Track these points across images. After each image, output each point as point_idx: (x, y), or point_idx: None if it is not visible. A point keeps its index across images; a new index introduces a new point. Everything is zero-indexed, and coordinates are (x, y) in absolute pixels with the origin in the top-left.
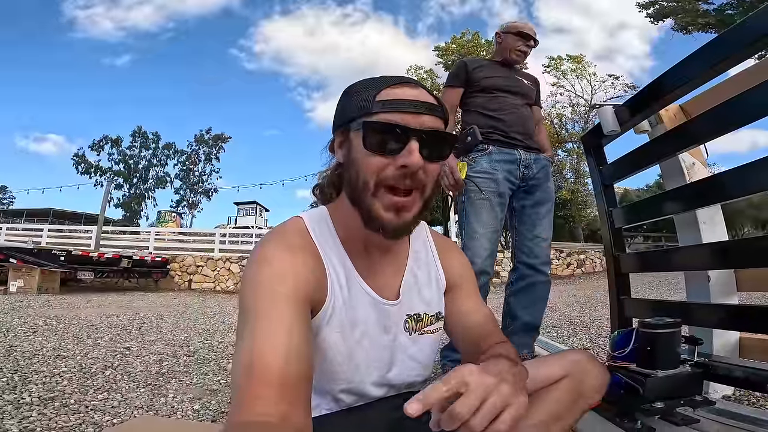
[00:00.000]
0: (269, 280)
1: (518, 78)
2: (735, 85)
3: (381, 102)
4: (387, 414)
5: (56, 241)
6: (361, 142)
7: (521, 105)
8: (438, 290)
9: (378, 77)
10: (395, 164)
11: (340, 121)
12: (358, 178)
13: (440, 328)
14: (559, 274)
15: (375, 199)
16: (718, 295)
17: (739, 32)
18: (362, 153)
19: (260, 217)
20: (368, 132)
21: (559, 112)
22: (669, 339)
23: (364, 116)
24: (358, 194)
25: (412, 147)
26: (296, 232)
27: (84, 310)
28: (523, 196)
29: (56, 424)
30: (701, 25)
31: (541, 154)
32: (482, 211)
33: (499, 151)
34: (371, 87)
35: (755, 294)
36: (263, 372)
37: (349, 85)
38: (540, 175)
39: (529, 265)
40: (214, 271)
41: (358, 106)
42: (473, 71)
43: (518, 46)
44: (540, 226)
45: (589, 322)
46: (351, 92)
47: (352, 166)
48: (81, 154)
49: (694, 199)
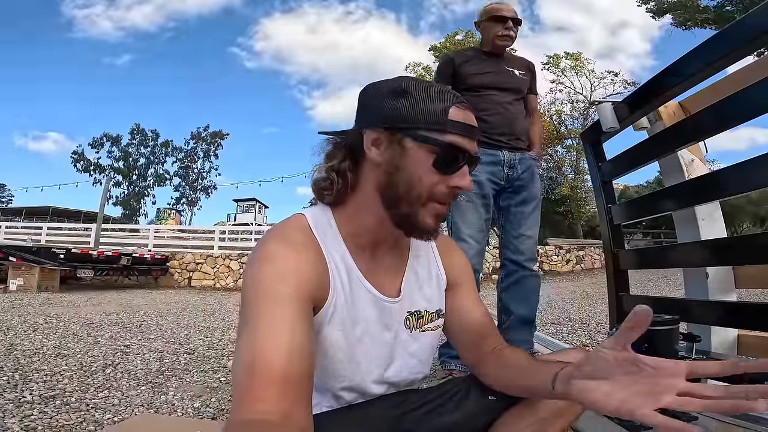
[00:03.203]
0: (272, 279)
1: (509, 69)
2: (734, 83)
3: (455, 123)
4: (387, 411)
5: (55, 239)
6: (424, 156)
7: (510, 102)
8: (439, 288)
9: (440, 88)
10: (448, 183)
11: (392, 123)
12: (412, 189)
13: (440, 325)
14: (559, 270)
15: (423, 209)
16: (716, 292)
17: (738, 30)
18: (424, 168)
19: (260, 214)
20: (441, 152)
21: (558, 109)
22: (667, 336)
23: (437, 133)
24: (403, 201)
25: (465, 171)
26: (299, 229)
27: (84, 308)
28: (509, 195)
29: (57, 422)
30: (700, 20)
31: (527, 153)
32: (467, 212)
33: (483, 152)
34: (439, 99)
35: (753, 291)
36: (265, 370)
37: (399, 82)
38: (525, 175)
39: (515, 262)
40: (214, 269)
41: (427, 118)
42: (460, 66)
43: (498, 32)
44: (525, 224)
45: (588, 319)
46: (411, 95)
47: (401, 174)
48: (80, 152)
49: (692, 195)
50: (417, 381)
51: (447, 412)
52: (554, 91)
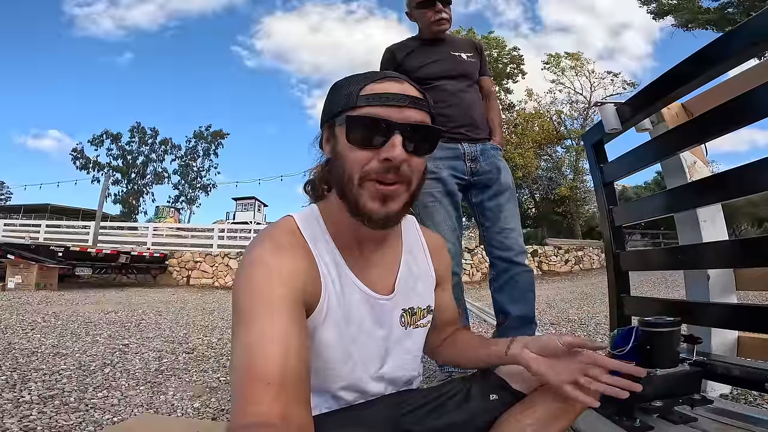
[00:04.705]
0: (263, 282)
1: (455, 54)
2: (738, 85)
3: (365, 96)
4: (387, 411)
5: (54, 236)
6: (345, 137)
7: (464, 89)
8: (430, 285)
9: (363, 73)
10: (379, 158)
11: (326, 117)
12: (344, 171)
13: (430, 321)
14: (557, 270)
15: (361, 190)
16: (717, 294)
17: (742, 33)
18: (347, 147)
19: (259, 213)
20: (352, 126)
21: (558, 109)
22: (669, 338)
23: (348, 110)
24: (345, 187)
25: (396, 141)
26: (287, 232)
27: (82, 306)
28: (479, 191)
29: (56, 422)
30: (702, 22)
31: (488, 144)
32: (434, 213)
33: (441, 147)
34: (356, 82)
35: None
36: (262, 375)
37: (336, 81)
38: (489, 167)
39: (504, 259)
40: (213, 267)
41: (342, 101)
42: (404, 60)
43: (429, 17)
44: (504, 217)
45: (588, 319)
46: (336, 87)
47: (337, 161)
48: (79, 150)
49: (694, 197)
50: (413, 378)
51: (448, 413)
52: (554, 92)
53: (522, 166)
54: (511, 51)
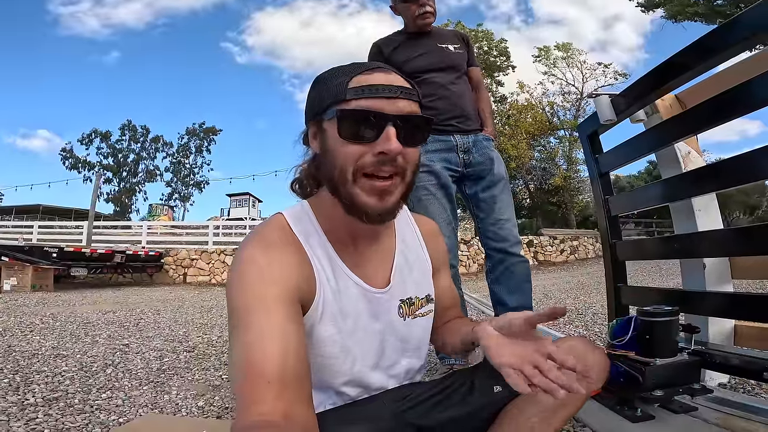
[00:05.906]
0: (255, 281)
1: (442, 47)
2: (731, 76)
3: (354, 89)
4: (391, 406)
5: (47, 237)
6: (336, 131)
7: (453, 81)
8: (427, 273)
9: (348, 64)
10: (373, 151)
11: (312, 112)
12: (336, 167)
13: (431, 310)
14: (553, 260)
15: (356, 186)
16: (713, 283)
17: (737, 25)
18: (338, 142)
19: (253, 208)
20: (343, 120)
21: (551, 100)
22: (668, 327)
23: (338, 104)
24: (338, 184)
25: (390, 133)
26: (278, 230)
27: (80, 307)
28: (473, 182)
29: (63, 424)
30: (690, 14)
31: (480, 134)
32: (429, 206)
33: (433, 139)
34: (343, 74)
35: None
36: (262, 374)
37: (319, 74)
38: (482, 158)
39: (500, 250)
40: (209, 264)
41: (330, 95)
42: (390, 55)
43: (413, 11)
44: (498, 209)
45: (585, 309)
46: (321, 81)
47: (328, 157)
48: (69, 149)
49: (689, 187)
50: (415, 370)
51: (452, 406)
52: (545, 83)
53: (515, 157)
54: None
